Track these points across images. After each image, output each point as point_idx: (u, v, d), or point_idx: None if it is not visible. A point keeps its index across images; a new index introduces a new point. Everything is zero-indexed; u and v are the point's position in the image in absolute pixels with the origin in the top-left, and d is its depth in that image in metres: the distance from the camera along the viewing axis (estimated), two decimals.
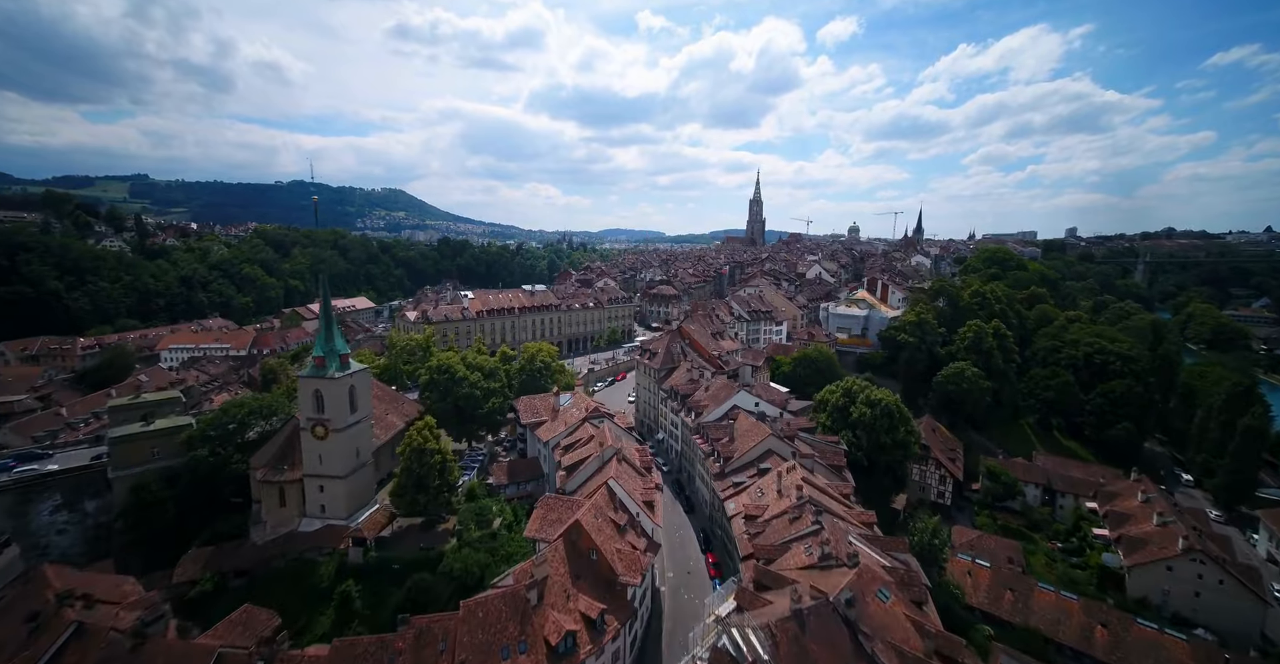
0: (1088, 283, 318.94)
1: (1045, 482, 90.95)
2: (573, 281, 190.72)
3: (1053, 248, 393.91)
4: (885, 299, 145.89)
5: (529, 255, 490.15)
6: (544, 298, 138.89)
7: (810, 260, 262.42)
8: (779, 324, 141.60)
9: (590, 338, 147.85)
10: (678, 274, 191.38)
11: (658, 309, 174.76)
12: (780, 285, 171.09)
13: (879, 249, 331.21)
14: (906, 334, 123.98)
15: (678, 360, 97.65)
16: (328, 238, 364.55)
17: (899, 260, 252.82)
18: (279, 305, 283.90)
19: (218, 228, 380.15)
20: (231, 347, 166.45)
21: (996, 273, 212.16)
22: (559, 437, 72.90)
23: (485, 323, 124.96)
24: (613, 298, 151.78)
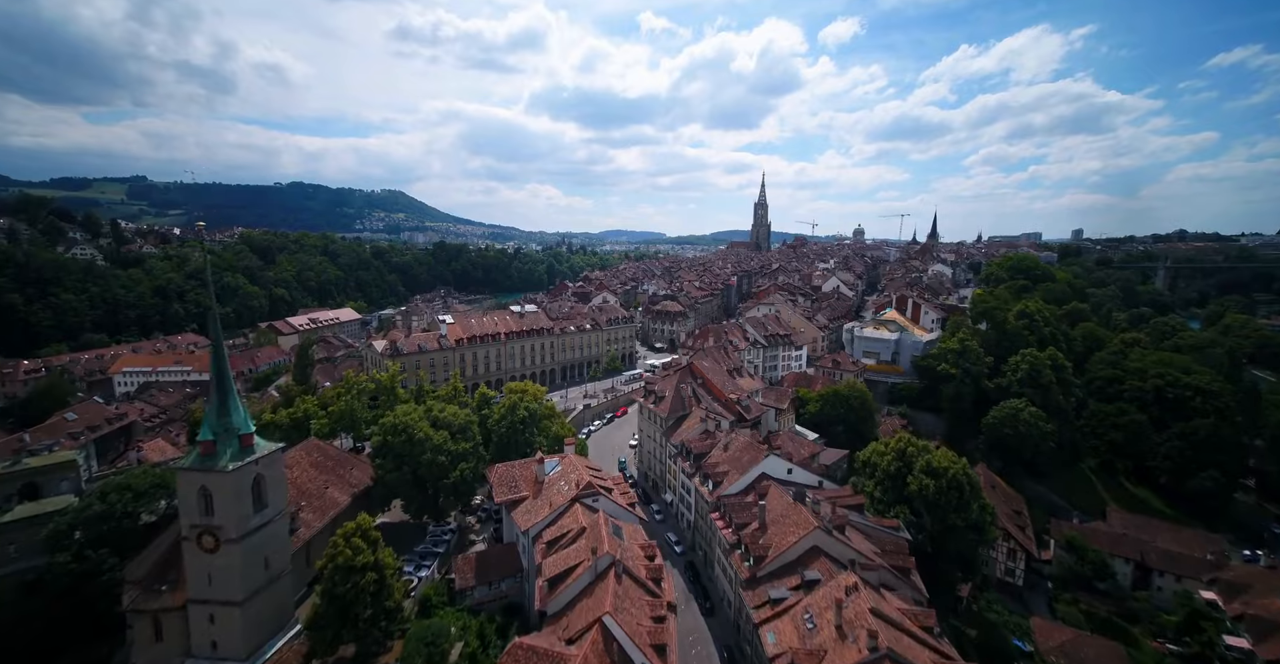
0: (1109, 290, 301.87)
1: (1139, 557, 74.04)
2: (569, 296, 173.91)
3: (1069, 252, 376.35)
4: (917, 319, 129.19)
5: (527, 260, 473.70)
6: (535, 320, 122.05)
7: (822, 269, 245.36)
8: (798, 349, 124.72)
9: (588, 364, 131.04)
10: (683, 287, 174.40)
11: (662, 327, 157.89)
12: (796, 301, 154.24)
13: (891, 255, 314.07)
14: (948, 364, 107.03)
15: (689, 406, 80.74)
16: (317, 243, 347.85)
17: (918, 270, 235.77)
18: (262, 316, 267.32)
19: (204, 232, 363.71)
20: (193, 369, 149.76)
21: (1025, 285, 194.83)
22: (541, 524, 56.07)
23: (466, 352, 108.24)
24: (612, 318, 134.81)
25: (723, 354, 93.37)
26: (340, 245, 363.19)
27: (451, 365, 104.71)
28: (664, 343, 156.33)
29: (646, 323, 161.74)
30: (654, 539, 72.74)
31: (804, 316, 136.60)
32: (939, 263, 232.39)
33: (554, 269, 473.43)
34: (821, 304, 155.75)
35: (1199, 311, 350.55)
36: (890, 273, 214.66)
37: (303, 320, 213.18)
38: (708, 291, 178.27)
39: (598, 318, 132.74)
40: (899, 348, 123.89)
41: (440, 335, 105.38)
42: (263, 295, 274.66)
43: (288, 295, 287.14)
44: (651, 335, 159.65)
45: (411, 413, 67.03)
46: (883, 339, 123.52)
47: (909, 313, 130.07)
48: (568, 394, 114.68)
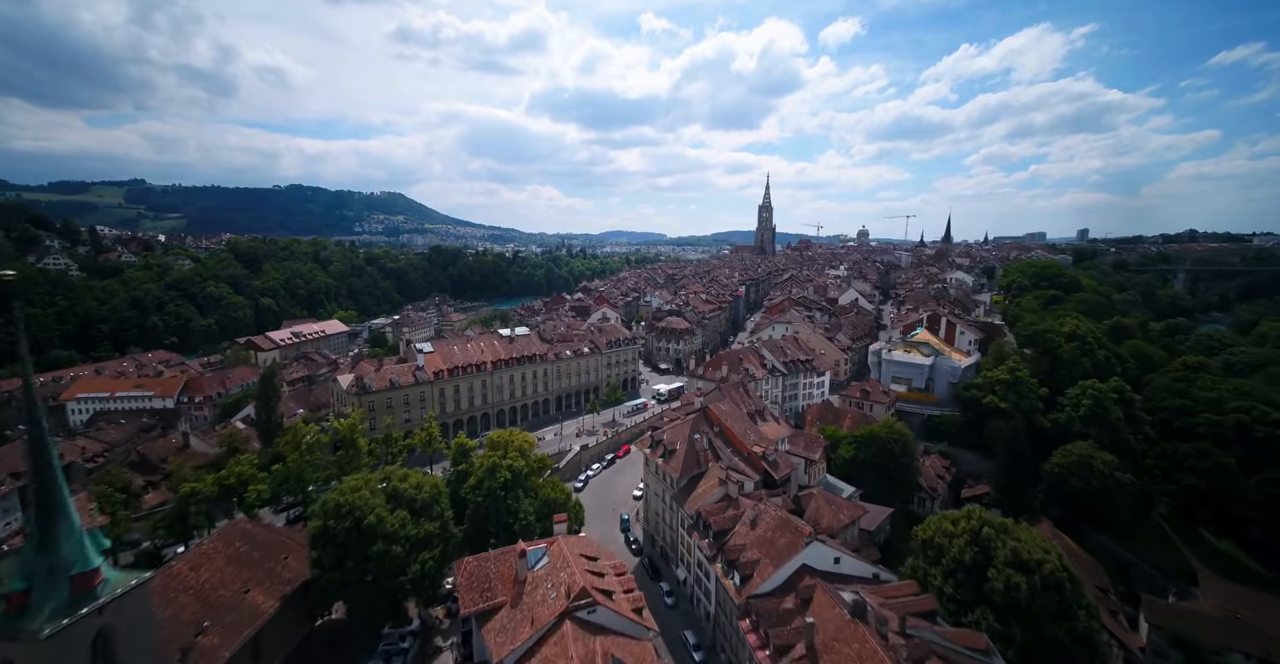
0: (1130, 294, 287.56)
1: (1262, 653, 59.74)
2: (566, 310, 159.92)
3: (1083, 255, 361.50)
4: (951, 340, 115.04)
5: (525, 264, 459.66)
6: (526, 345, 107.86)
7: (834, 276, 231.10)
8: (820, 375, 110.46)
9: (586, 392, 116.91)
10: (689, 301, 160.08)
11: (667, 346, 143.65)
12: (813, 317, 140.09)
13: (903, 259, 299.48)
14: (996, 396, 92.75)
15: (704, 461, 66.54)
16: (308, 249, 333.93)
17: (937, 278, 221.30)
18: (248, 327, 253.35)
19: (189, 239, 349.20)
20: (155, 394, 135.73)
21: (1055, 295, 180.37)
22: (519, 652, 42.01)
23: (446, 386, 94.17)
24: (613, 339, 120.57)
25: (742, 394, 79.04)
26: (332, 251, 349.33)
27: (429, 403, 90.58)
28: (669, 363, 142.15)
29: (650, 341, 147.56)
30: (666, 635, 58.82)
31: (824, 336, 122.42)
32: (959, 271, 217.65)
33: (553, 274, 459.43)
34: (840, 320, 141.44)
35: (1220, 315, 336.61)
36: (908, 282, 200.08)
37: (285, 335, 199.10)
38: (715, 305, 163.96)
39: (596, 340, 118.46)
40: (933, 374, 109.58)
41: (416, 367, 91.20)
42: (248, 306, 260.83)
43: (275, 305, 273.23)
44: (656, 354, 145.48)
45: (362, 488, 52.82)
46: (915, 364, 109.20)
47: (942, 332, 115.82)
48: (563, 430, 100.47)
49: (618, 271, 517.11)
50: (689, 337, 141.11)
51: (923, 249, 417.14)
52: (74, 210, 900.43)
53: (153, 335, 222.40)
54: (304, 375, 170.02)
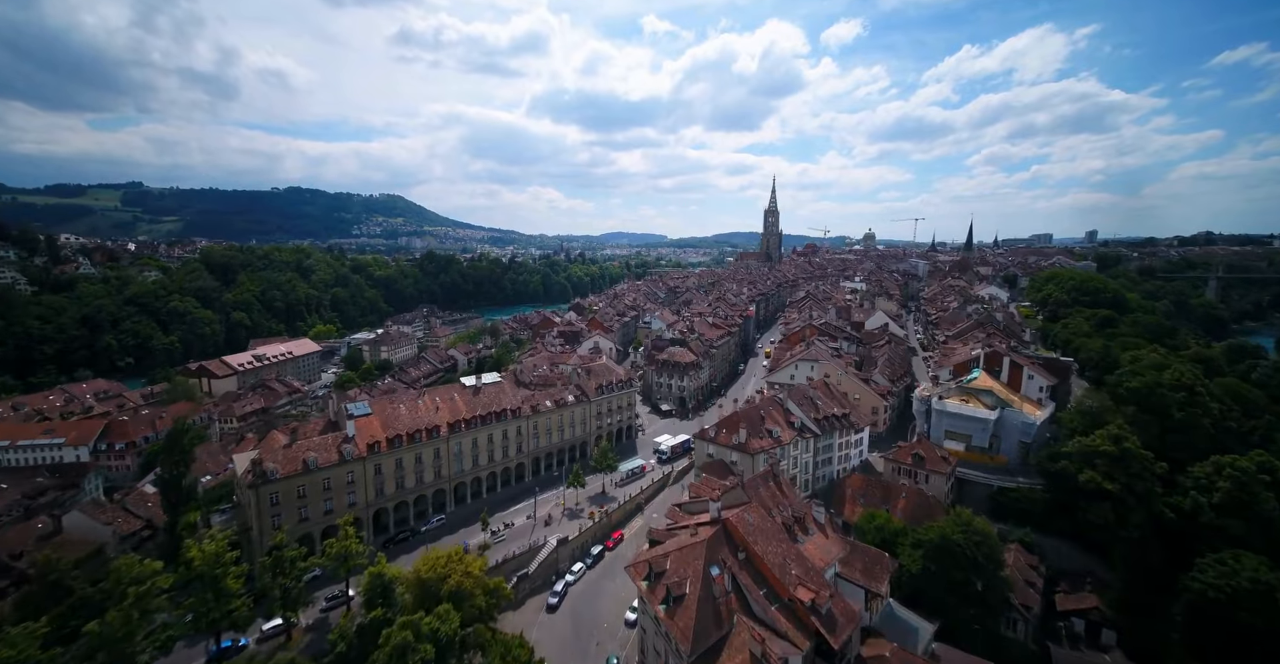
0: (1163, 304, 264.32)
1: None
2: (554, 337, 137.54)
3: (1106, 260, 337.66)
4: (1018, 385, 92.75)
5: (521, 270, 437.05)
6: (496, 396, 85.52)
7: (849, 290, 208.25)
8: (858, 432, 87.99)
9: (572, 449, 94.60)
10: (693, 325, 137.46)
11: (669, 382, 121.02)
12: (839, 347, 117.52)
13: (920, 268, 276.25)
14: (1097, 473, 70.06)
15: (726, 618, 44.24)
16: (289, 258, 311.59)
17: (963, 291, 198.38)
18: (215, 346, 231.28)
19: (162, 248, 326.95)
20: (66, 441, 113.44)
21: (1108, 316, 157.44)
22: None
23: (385, 461, 71.52)
24: (604, 383, 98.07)
25: (773, 491, 56.46)
26: (316, 259, 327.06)
27: (361, 485, 68.30)
28: (672, 402, 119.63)
29: (650, 374, 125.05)
30: None
31: (857, 376, 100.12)
32: (989, 284, 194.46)
33: (549, 280, 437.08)
34: (872, 351, 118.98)
35: (1255, 325, 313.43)
36: (936, 299, 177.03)
37: (245, 358, 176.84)
38: (724, 329, 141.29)
39: (584, 383, 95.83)
40: (1000, 429, 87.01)
41: (345, 439, 68.73)
42: (217, 321, 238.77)
43: (248, 319, 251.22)
44: (656, 391, 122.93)
45: None
46: (977, 418, 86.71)
47: (1004, 374, 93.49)
48: (537, 508, 78.06)
49: (617, 278, 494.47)
50: (694, 371, 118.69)
51: (935, 254, 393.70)
52: (70, 214, 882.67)
53: (105, 357, 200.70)
54: (259, 408, 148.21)
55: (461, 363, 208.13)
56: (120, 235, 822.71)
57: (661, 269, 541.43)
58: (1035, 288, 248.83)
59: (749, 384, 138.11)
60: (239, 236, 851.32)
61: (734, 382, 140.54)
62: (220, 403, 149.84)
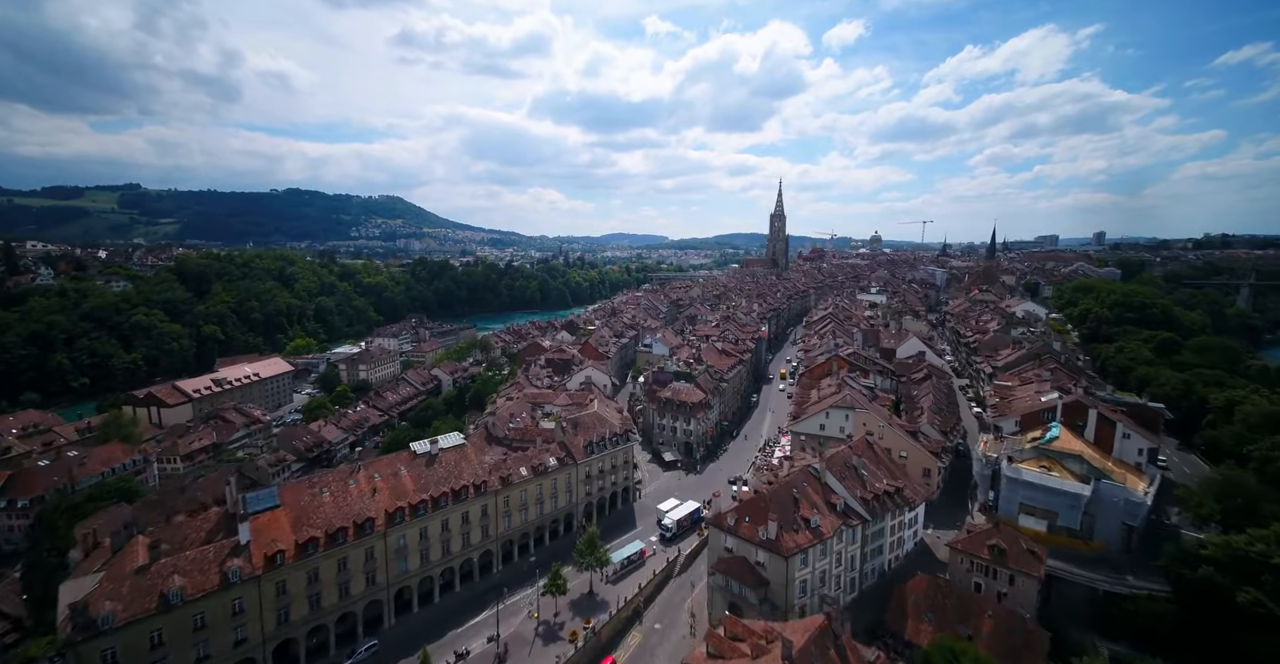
0: (1198, 314, 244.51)
1: None
2: (540, 367, 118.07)
3: (1130, 266, 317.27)
4: (1108, 445, 73.47)
5: (518, 276, 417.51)
6: (456, 466, 66.21)
7: (867, 304, 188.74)
8: (911, 509, 68.80)
9: (553, 525, 75.55)
10: (700, 353, 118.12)
11: (673, 424, 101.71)
12: (872, 387, 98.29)
13: (938, 277, 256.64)
14: (1263, 592, 50.71)
15: None
16: (270, 266, 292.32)
17: (994, 306, 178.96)
18: (183, 363, 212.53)
19: (135, 255, 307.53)
20: None
21: (1169, 339, 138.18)
22: None
23: (296, 574, 53.04)
24: (596, 438, 78.97)
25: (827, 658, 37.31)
26: (300, 267, 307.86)
27: (255, 613, 49.06)
28: (676, 450, 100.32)
29: (650, 413, 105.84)
30: None
31: (903, 428, 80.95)
32: (1026, 300, 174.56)
33: (547, 286, 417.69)
34: (912, 388, 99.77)
35: None
36: (969, 316, 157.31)
37: (203, 382, 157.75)
38: (734, 357, 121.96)
39: (571, 442, 76.62)
40: (1095, 507, 67.67)
41: (233, 550, 49.53)
42: (187, 336, 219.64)
43: (221, 333, 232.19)
44: (658, 435, 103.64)
45: None
46: (1064, 491, 67.58)
47: (1089, 430, 74.32)
48: (500, 626, 58.84)
49: (617, 283, 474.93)
50: (703, 413, 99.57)
51: (947, 259, 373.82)
52: (66, 216, 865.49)
53: (57, 378, 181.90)
54: (209, 444, 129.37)
55: (446, 383, 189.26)
56: (116, 237, 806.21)
57: (662, 273, 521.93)
58: (1060, 297, 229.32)
59: (764, 421, 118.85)
60: (236, 239, 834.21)
61: (746, 417, 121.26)
62: (167, 438, 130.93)
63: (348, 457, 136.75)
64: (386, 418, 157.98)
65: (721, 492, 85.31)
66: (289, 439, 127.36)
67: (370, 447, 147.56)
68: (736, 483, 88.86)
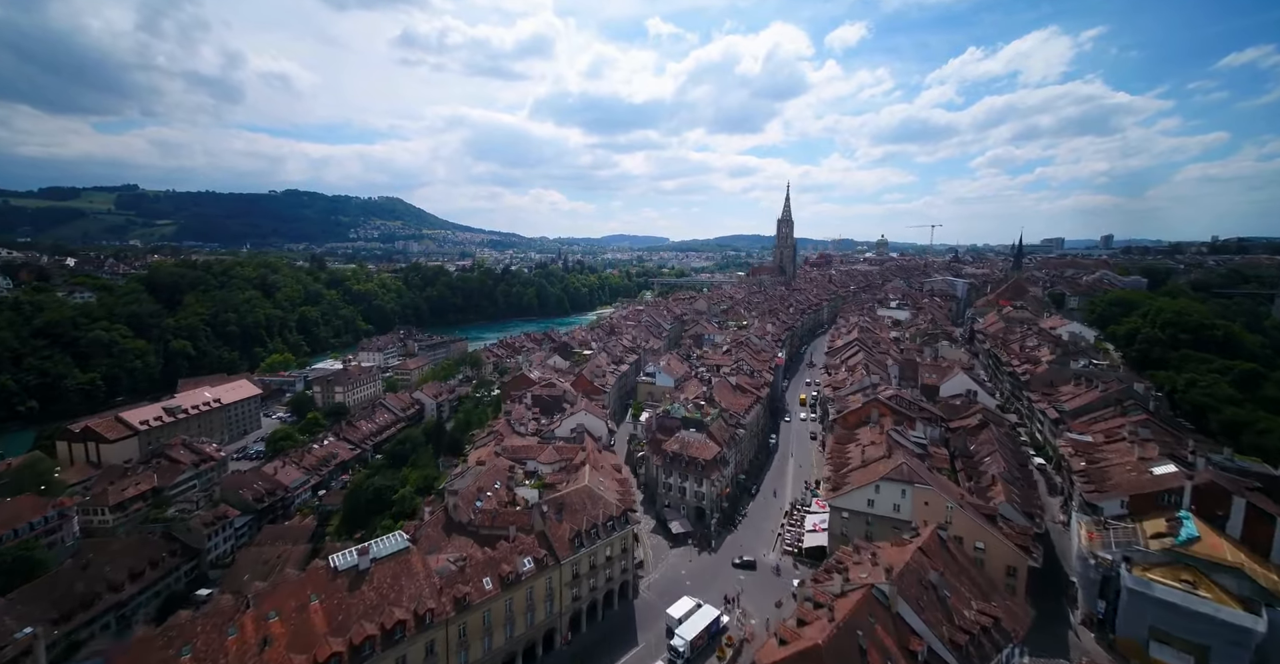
0: (1236, 327, 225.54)
1: None
2: (525, 407, 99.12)
3: (1157, 273, 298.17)
4: (1264, 544, 54.83)
5: (515, 281, 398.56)
6: (393, 584, 48.01)
7: (887, 321, 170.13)
8: (1011, 644, 50.44)
9: (527, 653, 57.03)
10: (711, 388, 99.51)
11: (683, 485, 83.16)
12: (923, 442, 79.69)
13: (959, 288, 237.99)
14: None
15: None
16: (251, 273, 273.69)
17: (1026, 320, 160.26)
18: (147, 382, 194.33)
19: (109, 262, 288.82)
20: None
21: (1252, 370, 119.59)
22: None
23: None
24: (587, 526, 60.65)
25: None
26: (284, 274, 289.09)
27: None
28: (687, 518, 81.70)
29: (654, 470, 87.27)
30: None
31: (974, 512, 62.30)
32: (1070, 318, 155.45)
33: (545, 292, 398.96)
34: (969, 443, 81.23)
35: None
36: (1009, 341, 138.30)
37: (152, 411, 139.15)
38: (751, 394, 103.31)
39: (554, 534, 58.10)
40: (1274, 647, 49.17)
41: None
42: (152, 352, 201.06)
43: (192, 349, 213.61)
44: (663, 496, 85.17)
45: None
46: (1222, 620, 49.26)
47: (1235, 524, 55.67)
48: None
49: (618, 289, 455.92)
50: (718, 470, 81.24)
51: (960, 265, 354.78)
52: (62, 217, 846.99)
53: (2, 402, 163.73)
54: (147, 490, 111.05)
55: (429, 408, 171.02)
56: (113, 239, 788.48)
57: (664, 278, 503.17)
58: (1092, 311, 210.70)
59: (787, 470, 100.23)
60: (234, 241, 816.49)
61: (766, 465, 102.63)
62: (98, 483, 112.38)
63: (308, 503, 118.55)
64: (359, 451, 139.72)
65: (748, 606, 65.42)
66: (237, 486, 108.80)
67: (337, 487, 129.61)
68: (743, 566, 71.30)
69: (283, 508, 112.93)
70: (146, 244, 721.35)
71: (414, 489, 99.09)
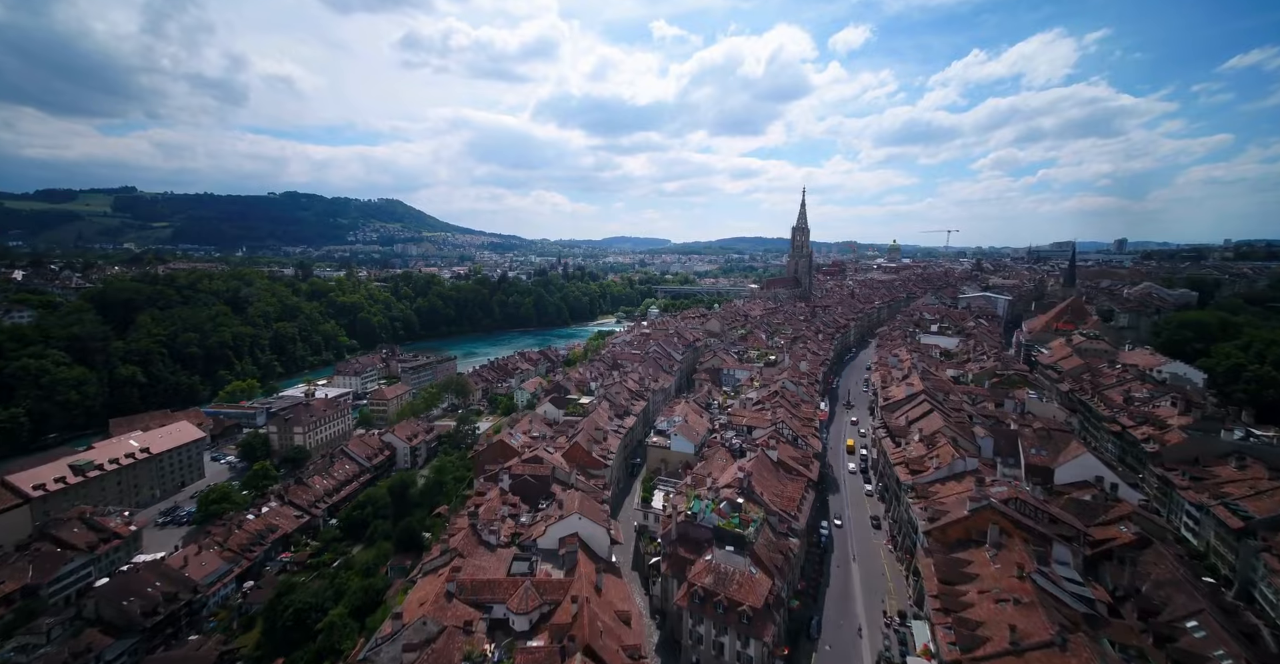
0: None
1: None
2: (496, 503, 71.31)
3: (1204, 286, 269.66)
4: None
5: (511, 290, 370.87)
6: None
7: (935, 348, 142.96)
8: None
9: None
10: (745, 465, 72.13)
11: (718, 639, 55.91)
12: (1072, 569, 52.76)
13: (999, 306, 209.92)
14: None
15: None
16: (222, 286, 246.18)
17: (1106, 353, 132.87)
18: (84, 416, 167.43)
19: (62, 275, 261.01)
20: None
21: None
22: None
23: None
24: None
25: None
26: (259, 286, 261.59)
27: None
28: None
29: (681, 617, 59.85)
30: None
31: None
32: (1173, 360, 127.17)
33: (543, 301, 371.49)
34: (1134, 581, 54.12)
35: None
36: (1115, 394, 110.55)
37: (53, 471, 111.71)
38: (802, 477, 76.02)
39: None
40: None
41: None
42: (93, 381, 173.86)
43: (143, 375, 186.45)
44: (690, 648, 58.17)
45: None
46: None
47: None
48: None
49: (619, 298, 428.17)
50: (768, 624, 54.37)
51: (985, 275, 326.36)
52: (57, 220, 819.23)
53: None
54: (14, 590, 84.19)
55: (401, 454, 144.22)
56: (107, 242, 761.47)
57: (668, 286, 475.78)
58: (1158, 335, 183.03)
59: (853, 585, 72.69)
60: (230, 244, 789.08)
61: (822, 575, 75.08)
62: None
63: (227, 603, 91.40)
64: (307, 519, 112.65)
65: None
66: (122, 593, 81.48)
67: (274, 569, 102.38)
68: None
69: (189, 616, 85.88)
70: (141, 247, 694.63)
71: (347, 611, 71.94)
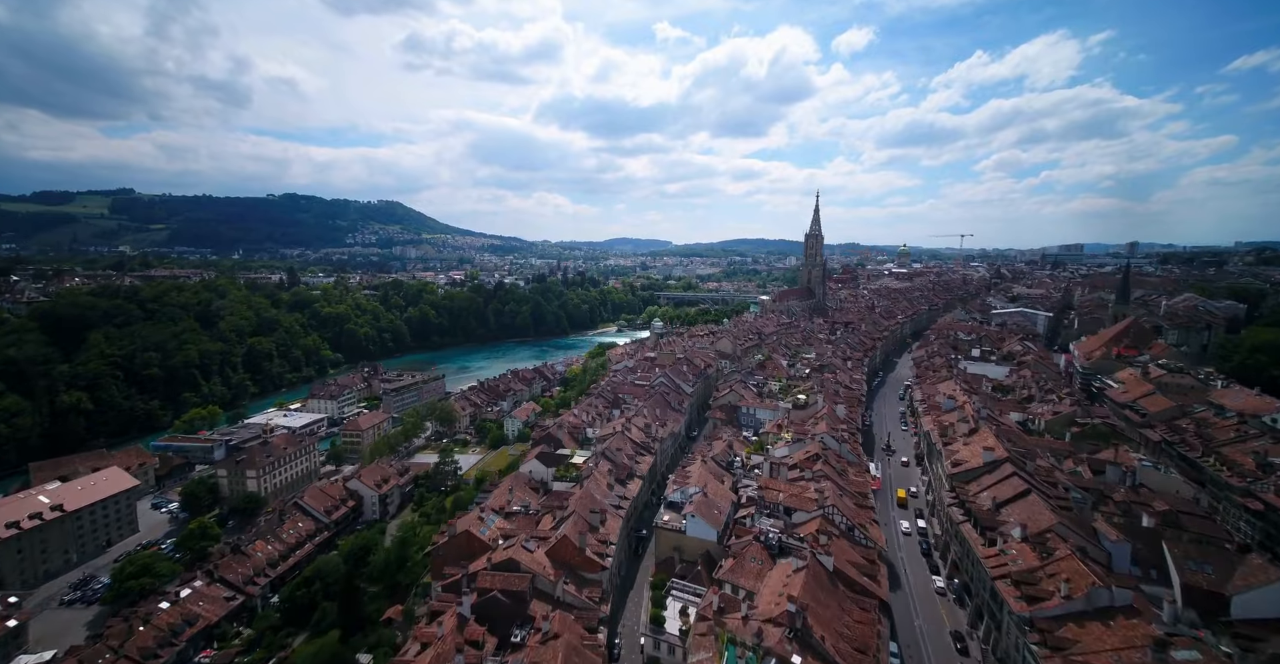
0: None
1: None
2: (450, 645, 51.17)
3: (1253, 296, 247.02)
4: None
5: (508, 298, 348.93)
6: None
7: (986, 383, 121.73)
8: None
9: None
10: (765, 525, 51.38)
11: None
12: None
13: (1039, 323, 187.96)
14: None
15: None
16: (191, 299, 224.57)
17: (1192, 390, 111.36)
18: (16, 453, 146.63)
19: (17, 288, 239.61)
20: None
21: None
22: None
23: None
24: None
25: None
26: (234, 298, 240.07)
27: None
28: None
29: None
30: None
31: None
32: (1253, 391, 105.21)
33: (541, 310, 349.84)
34: None
35: None
36: (1222, 449, 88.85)
37: None
38: (861, 590, 54.96)
39: None
40: None
41: None
42: (29, 411, 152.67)
43: (89, 401, 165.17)
44: None
45: None
46: None
47: None
48: None
49: (620, 305, 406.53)
50: None
51: (1007, 284, 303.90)
52: (53, 222, 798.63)
53: None
54: None
55: (369, 501, 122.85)
56: (103, 245, 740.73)
57: (671, 292, 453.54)
58: (1227, 359, 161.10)
59: None
60: (227, 246, 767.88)
61: None
62: None
63: None
64: (241, 600, 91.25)
65: None
66: None
67: None
68: None
69: None
70: (137, 250, 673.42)
71: None
